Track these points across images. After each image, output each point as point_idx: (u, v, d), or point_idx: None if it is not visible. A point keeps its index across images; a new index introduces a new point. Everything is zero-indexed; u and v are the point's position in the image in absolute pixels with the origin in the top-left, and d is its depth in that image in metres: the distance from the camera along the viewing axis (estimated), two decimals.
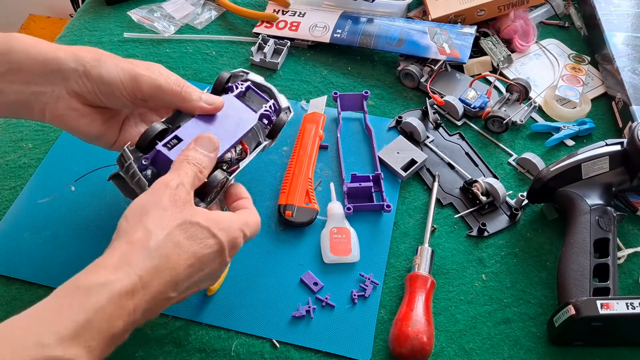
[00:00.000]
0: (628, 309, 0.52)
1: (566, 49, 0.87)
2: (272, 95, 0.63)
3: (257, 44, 0.83)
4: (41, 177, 0.69)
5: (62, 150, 0.72)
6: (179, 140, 0.54)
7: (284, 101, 0.63)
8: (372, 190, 0.67)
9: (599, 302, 0.52)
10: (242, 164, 0.58)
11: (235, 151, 0.59)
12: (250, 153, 0.60)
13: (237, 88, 0.61)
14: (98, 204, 0.66)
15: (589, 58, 0.85)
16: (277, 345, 0.57)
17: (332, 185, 0.69)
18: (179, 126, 0.56)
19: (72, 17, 0.99)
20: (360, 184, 0.67)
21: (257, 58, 0.83)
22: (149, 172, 0.54)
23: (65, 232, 0.64)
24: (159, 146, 0.53)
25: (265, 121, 0.61)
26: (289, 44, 0.84)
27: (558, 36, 0.89)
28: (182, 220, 0.46)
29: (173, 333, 0.57)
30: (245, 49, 0.86)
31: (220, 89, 0.61)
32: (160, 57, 0.84)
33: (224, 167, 0.57)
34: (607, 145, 0.64)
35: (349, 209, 0.65)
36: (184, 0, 0.93)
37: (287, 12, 0.90)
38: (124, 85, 0.53)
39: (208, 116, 0.57)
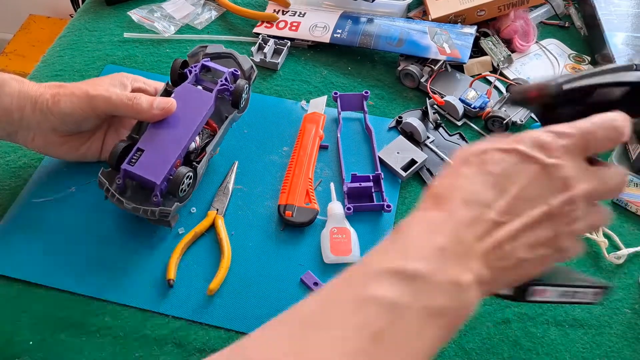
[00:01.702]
0: None
1: (566, 49, 0.87)
2: (235, 60, 0.68)
3: (257, 44, 0.83)
4: (41, 177, 0.69)
5: None
6: (142, 151, 0.60)
7: (246, 62, 0.68)
8: (372, 190, 0.67)
9: None
10: (212, 144, 0.63)
11: (201, 138, 0.63)
12: (219, 130, 0.65)
13: (190, 73, 0.65)
14: (98, 204, 0.66)
15: (589, 58, 0.85)
16: None
17: (332, 185, 0.69)
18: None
19: (72, 17, 0.99)
20: (360, 184, 0.67)
21: (257, 58, 0.83)
22: (133, 184, 0.60)
23: (66, 232, 0.64)
24: (124, 165, 0.58)
25: (227, 93, 0.65)
26: (289, 44, 0.84)
27: (558, 36, 0.89)
28: (464, 158, 0.41)
29: (173, 333, 0.57)
30: (245, 49, 0.86)
31: (176, 77, 0.66)
32: (160, 57, 0.84)
33: (192, 157, 0.62)
34: (636, 69, 0.47)
35: (349, 209, 0.65)
36: (184, 0, 0.93)
37: (287, 12, 0.90)
38: (83, 111, 0.60)
39: (166, 117, 0.62)
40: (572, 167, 0.39)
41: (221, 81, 0.64)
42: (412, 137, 0.74)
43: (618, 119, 0.40)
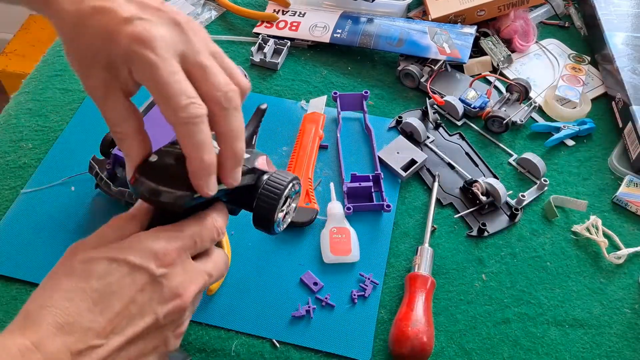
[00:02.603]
0: None
1: (566, 49, 0.87)
2: None
3: (257, 44, 0.83)
4: (41, 177, 0.69)
5: (62, 150, 0.72)
6: None
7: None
8: (372, 190, 0.67)
9: None
10: None
11: None
12: None
13: None
14: (98, 203, 0.66)
15: (589, 58, 0.85)
16: (277, 345, 0.57)
17: (332, 185, 0.69)
18: None
19: None
20: (360, 184, 0.67)
21: (257, 58, 0.83)
22: (123, 175, 0.62)
23: (65, 232, 0.64)
24: (115, 150, 0.61)
25: None
26: (289, 44, 0.84)
27: (558, 36, 0.89)
28: (68, 268, 0.37)
29: None
30: (245, 49, 0.86)
31: None
32: None
33: None
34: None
35: (348, 208, 0.65)
36: (184, 0, 0.93)
37: (287, 12, 0.90)
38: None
39: (159, 111, 0.62)
40: (181, 273, 0.38)
41: None
42: (412, 137, 0.74)
43: (219, 220, 0.42)
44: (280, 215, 0.45)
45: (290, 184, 0.44)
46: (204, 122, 0.38)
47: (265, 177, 0.44)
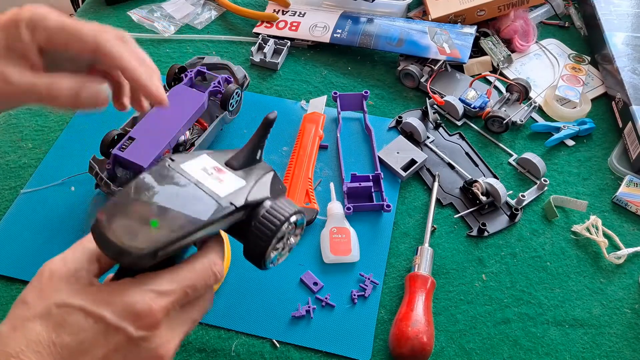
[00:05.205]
0: None
1: (566, 49, 0.87)
2: (230, 70, 0.73)
3: (257, 44, 0.83)
4: (41, 177, 0.69)
5: (62, 150, 0.72)
6: (133, 139, 0.62)
7: (240, 72, 0.73)
8: (372, 190, 0.67)
9: None
10: (201, 138, 0.67)
11: (191, 132, 0.68)
12: (208, 128, 0.69)
13: (186, 77, 0.70)
14: (98, 203, 0.66)
15: (589, 58, 0.85)
16: (277, 345, 0.57)
17: (332, 185, 0.69)
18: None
19: (72, 17, 0.99)
20: (360, 184, 0.67)
21: (257, 58, 0.83)
22: (123, 174, 0.62)
23: (65, 232, 0.64)
24: (114, 150, 0.61)
25: (219, 96, 0.69)
26: (289, 44, 0.84)
27: (558, 36, 0.89)
28: (44, 308, 0.34)
29: None
30: (245, 49, 0.86)
31: (170, 80, 0.71)
32: (160, 57, 0.84)
33: (180, 149, 0.66)
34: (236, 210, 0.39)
35: (348, 208, 0.65)
36: (184, 0, 0.93)
37: (287, 12, 0.90)
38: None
39: (158, 112, 0.64)
40: (164, 332, 0.35)
41: (214, 83, 0.68)
42: (412, 137, 0.74)
43: (217, 263, 0.38)
44: (274, 253, 0.40)
45: (287, 223, 0.39)
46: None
47: (262, 210, 0.39)
